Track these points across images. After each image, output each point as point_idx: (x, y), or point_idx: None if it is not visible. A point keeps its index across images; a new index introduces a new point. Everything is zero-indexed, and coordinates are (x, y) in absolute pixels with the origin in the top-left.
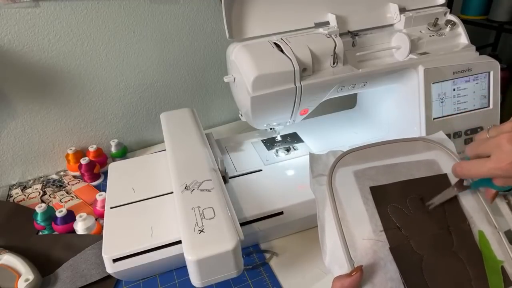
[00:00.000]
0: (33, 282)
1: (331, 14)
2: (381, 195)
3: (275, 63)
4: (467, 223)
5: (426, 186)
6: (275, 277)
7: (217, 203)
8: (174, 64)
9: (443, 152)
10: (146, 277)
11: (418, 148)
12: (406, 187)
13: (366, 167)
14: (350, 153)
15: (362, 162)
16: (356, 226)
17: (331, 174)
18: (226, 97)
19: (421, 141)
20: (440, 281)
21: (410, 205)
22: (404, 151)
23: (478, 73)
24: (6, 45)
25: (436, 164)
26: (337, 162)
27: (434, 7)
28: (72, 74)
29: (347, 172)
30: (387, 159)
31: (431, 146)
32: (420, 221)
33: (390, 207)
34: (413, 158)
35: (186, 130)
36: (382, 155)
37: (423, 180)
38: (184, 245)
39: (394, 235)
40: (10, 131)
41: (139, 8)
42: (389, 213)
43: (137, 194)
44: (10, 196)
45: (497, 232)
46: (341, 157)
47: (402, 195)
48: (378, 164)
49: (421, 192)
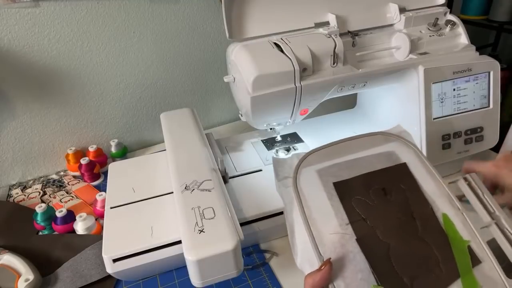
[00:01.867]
0: (33, 282)
1: (331, 14)
2: (345, 189)
3: (275, 63)
4: (430, 208)
5: (387, 176)
6: (275, 277)
7: (217, 203)
8: (174, 64)
9: (401, 143)
10: (146, 277)
11: (377, 142)
12: (368, 179)
13: (328, 165)
14: (312, 154)
15: (324, 161)
16: (323, 222)
17: (295, 176)
18: (226, 97)
19: (379, 135)
20: (408, 266)
21: (373, 196)
22: (364, 146)
23: (478, 73)
24: (6, 45)
25: (395, 155)
26: (300, 163)
27: (434, 7)
28: (72, 74)
29: (311, 172)
30: (349, 155)
31: (389, 138)
32: (384, 211)
33: (354, 200)
34: (373, 152)
35: (186, 130)
36: (343, 152)
37: (384, 171)
38: (184, 245)
39: (360, 227)
40: (10, 131)
41: (139, 8)
42: (354, 206)
43: (137, 194)
44: (10, 196)
45: (460, 213)
46: (304, 158)
47: (364, 187)
48: (340, 161)
49: (383, 182)
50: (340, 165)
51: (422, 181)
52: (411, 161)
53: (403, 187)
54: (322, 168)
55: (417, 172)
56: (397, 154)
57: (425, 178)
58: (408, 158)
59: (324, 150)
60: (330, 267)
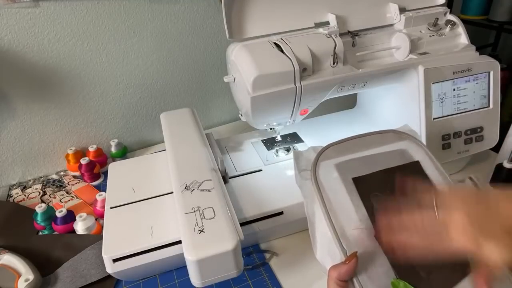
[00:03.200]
0: (33, 282)
1: (331, 14)
2: (363, 184)
3: (275, 63)
4: None
5: (403, 173)
6: (275, 277)
7: (217, 203)
8: (174, 64)
9: (411, 141)
10: (146, 277)
11: (389, 139)
12: (385, 176)
13: (346, 159)
14: (329, 147)
15: (342, 155)
16: (344, 216)
17: (314, 168)
18: (226, 97)
19: (391, 133)
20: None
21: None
22: (377, 142)
23: (478, 73)
24: (6, 45)
25: (407, 153)
26: (319, 156)
27: (434, 7)
28: (72, 74)
29: (329, 165)
30: (364, 151)
31: (400, 136)
32: None
33: (373, 195)
34: (386, 149)
35: (186, 130)
36: (359, 148)
37: (399, 168)
38: (184, 245)
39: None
40: (10, 131)
41: (139, 8)
42: (372, 201)
43: (137, 194)
44: (10, 196)
45: None
46: (322, 152)
47: (382, 183)
48: (356, 156)
49: None
50: (358, 161)
51: (433, 178)
52: (422, 159)
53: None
54: (341, 162)
55: (428, 170)
56: (409, 152)
57: (435, 176)
58: (419, 157)
59: (340, 144)
60: (356, 260)
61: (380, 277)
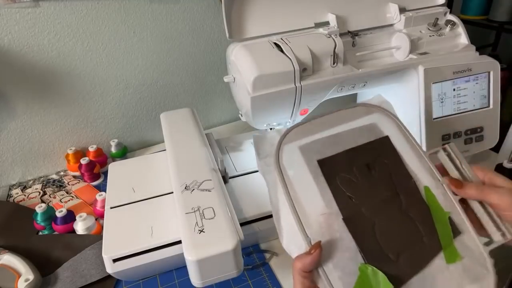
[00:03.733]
0: (33, 282)
1: (331, 14)
2: (329, 166)
3: (275, 63)
4: (412, 181)
5: (371, 150)
6: (275, 277)
7: (217, 203)
8: (174, 64)
9: (383, 114)
10: (146, 277)
11: (358, 114)
12: (352, 155)
13: (310, 141)
14: (294, 129)
15: (306, 137)
16: (309, 203)
17: (277, 153)
18: (226, 97)
19: (360, 106)
20: (393, 242)
21: (358, 172)
22: (346, 119)
23: (478, 73)
24: (6, 45)
25: (377, 128)
26: (283, 139)
27: (434, 7)
28: (72, 74)
29: (293, 149)
30: (330, 130)
31: (370, 110)
32: (368, 187)
33: (339, 177)
34: (354, 125)
35: (186, 130)
36: (325, 126)
37: (366, 145)
38: (184, 245)
39: (346, 205)
40: (10, 131)
41: (139, 8)
42: (339, 184)
43: (137, 194)
44: (10, 196)
45: (440, 185)
46: (286, 134)
47: (349, 163)
48: (322, 136)
49: (366, 158)
50: (323, 141)
51: (404, 154)
52: (393, 134)
53: (386, 162)
54: (305, 145)
55: (399, 145)
56: (379, 127)
57: (406, 150)
58: (389, 131)
59: (305, 125)
60: (320, 250)
61: (347, 264)
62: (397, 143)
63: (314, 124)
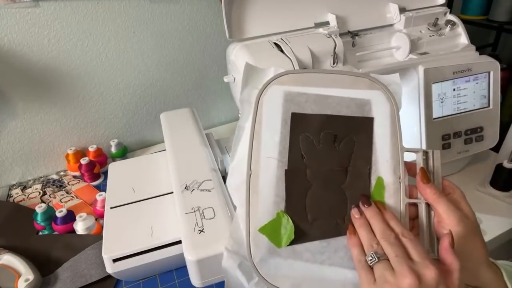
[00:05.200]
0: (33, 282)
1: (331, 14)
2: (299, 122)
3: (275, 63)
4: (368, 168)
5: (347, 124)
6: None
7: (217, 203)
8: (174, 64)
9: (383, 94)
10: (146, 277)
11: (359, 85)
12: (326, 122)
13: (298, 92)
14: (290, 74)
15: (297, 85)
16: (265, 143)
17: (263, 89)
18: (226, 97)
19: (367, 78)
20: (316, 208)
21: (322, 139)
22: (344, 84)
23: (478, 73)
24: (6, 45)
25: (368, 106)
26: (273, 80)
27: (434, 7)
28: (72, 74)
29: (279, 91)
30: (323, 89)
31: (373, 85)
32: (323, 155)
33: (303, 135)
34: (349, 94)
35: (186, 130)
36: (321, 83)
37: (346, 118)
38: (184, 245)
39: (295, 161)
40: (10, 131)
41: (139, 8)
42: (300, 140)
43: (137, 194)
44: (10, 196)
45: (398, 182)
46: (279, 76)
47: (319, 127)
48: (311, 91)
49: (338, 129)
50: (309, 97)
51: (379, 139)
52: (381, 117)
53: (355, 140)
54: (291, 92)
55: (380, 129)
56: (371, 105)
57: (384, 137)
58: (379, 113)
59: (302, 74)
60: None
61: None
62: (378, 127)
63: (311, 76)
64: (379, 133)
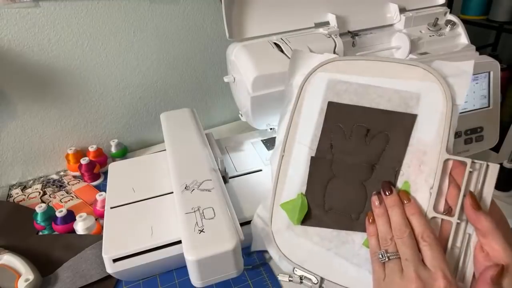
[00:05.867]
0: (33, 282)
1: (331, 14)
2: (335, 112)
3: (275, 63)
4: (395, 170)
5: (384, 120)
6: (275, 277)
7: (217, 203)
8: (174, 64)
9: (440, 89)
10: (146, 277)
11: (411, 74)
12: (362, 114)
13: (340, 80)
14: (335, 61)
15: (342, 73)
16: (301, 130)
17: (308, 76)
18: (226, 97)
19: (421, 68)
20: (334, 199)
21: (354, 131)
22: (393, 73)
23: (478, 73)
24: (6, 45)
25: (415, 100)
26: (320, 66)
27: (434, 7)
28: (72, 74)
29: (323, 79)
30: (368, 78)
31: (428, 77)
32: (351, 149)
33: (335, 126)
34: (394, 85)
35: (186, 130)
36: (367, 72)
37: (385, 113)
38: (184, 245)
39: (323, 150)
40: (10, 131)
41: (139, 8)
42: (331, 130)
43: (137, 194)
44: (10, 196)
45: (429, 192)
46: (327, 62)
47: (353, 119)
48: (354, 80)
49: (373, 123)
50: (351, 86)
51: (418, 140)
52: (428, 115)
53: (389, 138)
54: (334, 80)
55: (423, 128)
56: (418, 100)
57: (424, 138)
58: (427, 110)
59: (349, 61)
60: None
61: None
62: (422, 127)
63: (358, 64)
64: (420, 132)
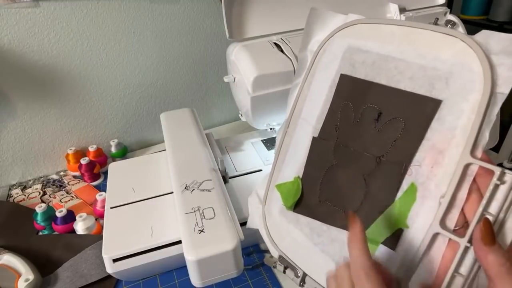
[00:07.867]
0: (33, 282)
1: None
2: (346, 87)
3: (275, 63)
4: (403, 166)
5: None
6: (275, 277)
7: (217, 203)
8: (174, 64)
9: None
10: (146, 277)
11: (446, 46)
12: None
13: (359, 48)
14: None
15: (364, 40)
16: (308, 105)
17: (325, 41)
18: (226, 97)
19: (460, 39)
20: (330, 189)
21: (364, 113)
22: (425, 44)
23: None
24: (6, 45)
25: (444, 82)
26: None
27: (434, 7)
28: (72, 74)
29: (341, 45)
30: (392, 48)
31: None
32: (359, 134)
33: (344, 104)
34: (422, 59)
35: (186, 130)
36: (392, 39)
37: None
38: (184, 245)
39: (327, 131)
40: (10, 131)
41: (139, 8)
42: (340, 108)
43: (137, 194)
44: (10, 196)
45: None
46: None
47: (364, 99)
48: (375, 49)
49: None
50: (369, 56)
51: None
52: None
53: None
54: (353, 47)
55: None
56: (447, 83)
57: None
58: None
59: (373, 25)
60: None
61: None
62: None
63: (385, 29)
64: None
